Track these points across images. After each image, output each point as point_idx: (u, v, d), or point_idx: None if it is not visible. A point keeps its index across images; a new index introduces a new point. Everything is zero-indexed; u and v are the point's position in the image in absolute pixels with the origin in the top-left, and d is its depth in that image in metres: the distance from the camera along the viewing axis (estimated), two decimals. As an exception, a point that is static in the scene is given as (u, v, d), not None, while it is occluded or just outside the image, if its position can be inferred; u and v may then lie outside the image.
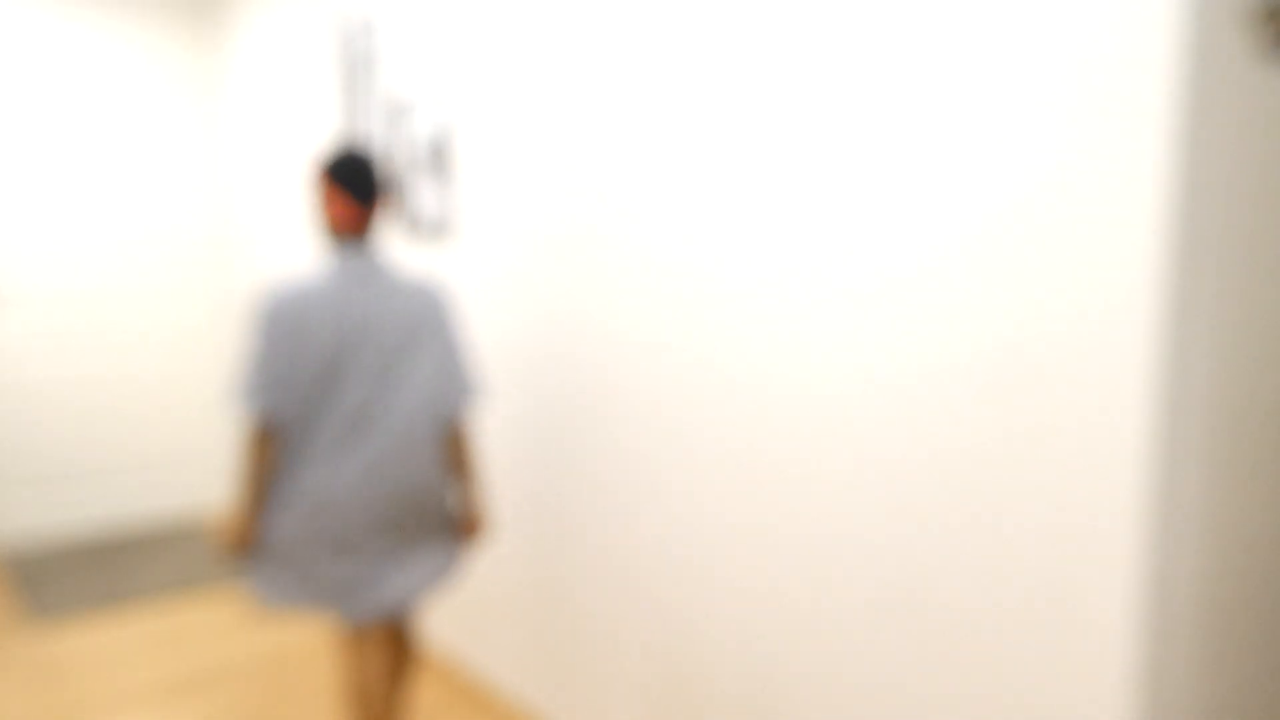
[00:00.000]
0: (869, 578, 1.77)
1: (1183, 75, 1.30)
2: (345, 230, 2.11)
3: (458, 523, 2.27)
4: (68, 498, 4.43)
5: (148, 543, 4.32)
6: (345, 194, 2.09)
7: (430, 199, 2.96)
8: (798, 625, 1.92)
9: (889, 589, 1.74)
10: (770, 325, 1.92)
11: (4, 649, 3.23)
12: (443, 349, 2.16)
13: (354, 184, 2.09)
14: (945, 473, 1.63)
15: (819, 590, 1.87)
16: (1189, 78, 1.31)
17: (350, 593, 2.12)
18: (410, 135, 3.02)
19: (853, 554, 1.80)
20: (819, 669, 1.89)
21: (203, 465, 4.76)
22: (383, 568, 2.13)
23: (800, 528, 1.90)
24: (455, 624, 3.10)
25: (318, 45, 3.57)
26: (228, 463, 4.81)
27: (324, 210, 2.12)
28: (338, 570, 2.10)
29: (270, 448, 2.03)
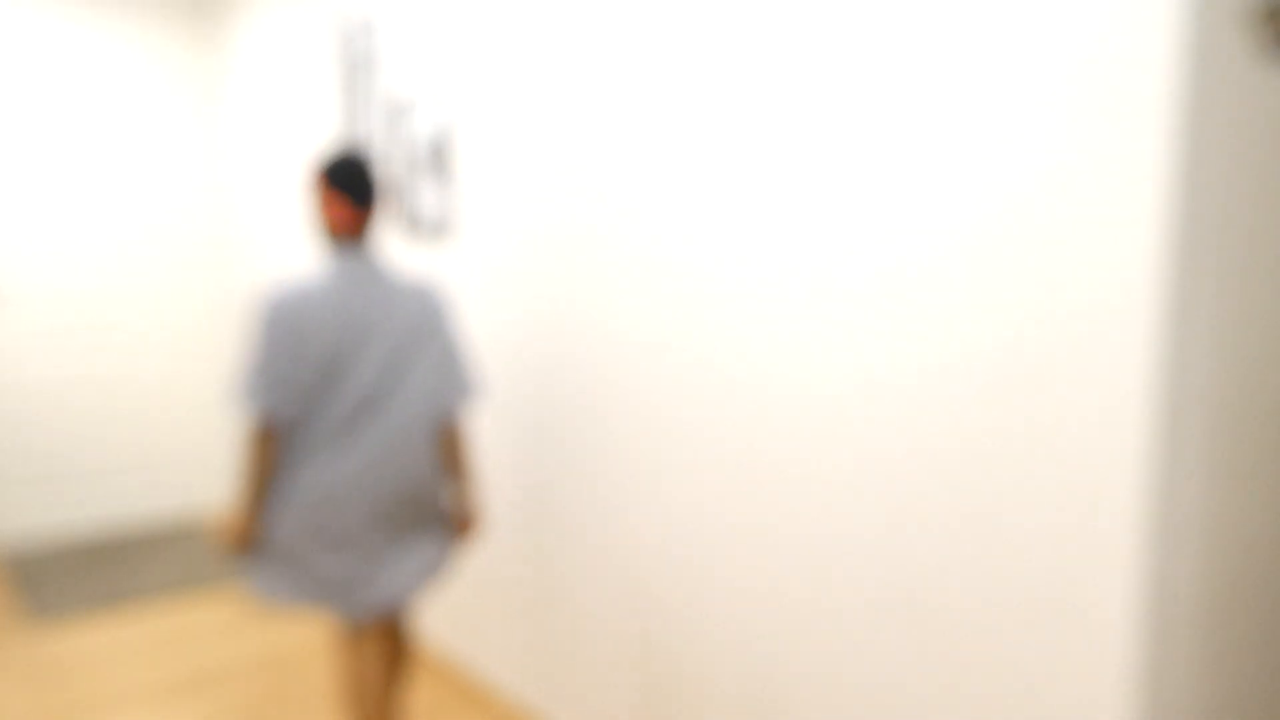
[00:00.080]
0: (869, 578, 1.77)
1: (1183, 75, 1.30)
2: (344, 233, 2.13)
3: (452, 519, 2.30)
4: (68, 498, 4.43)
5: (148, 543, 4.32)
6: (343, 197, 2.12)
7: (430, 199, 2.96)
8: (798, 625, 1.92)
9: (889, 589, 1.74)
10: (770, 325, 1.92)
11: (4, 649, 3.23)
12: (441, 349, 2.20)
13: (352, 187, 2.11)
14: (945, 472, 1.63)
15: (819, 590, 1.87)
16: (1189, 78, 1.31)
17: (348, 590, 2.14)
18: (410, 135, 3.02)
19: (853, 554, 1.80)
20: (819, 669, 1.89)
21: (203, 465, 4.76)
22: (379, 564, 2.16)
23: (800, 528, 1.90)
24: (454, 623, 3.10)
25: (318, 45, 3.57)
26: (227, 463, 4.81)
27: (322, 213, 2.14)
28: (336, 567, 2.12)
29: (271, 447, 2.06)
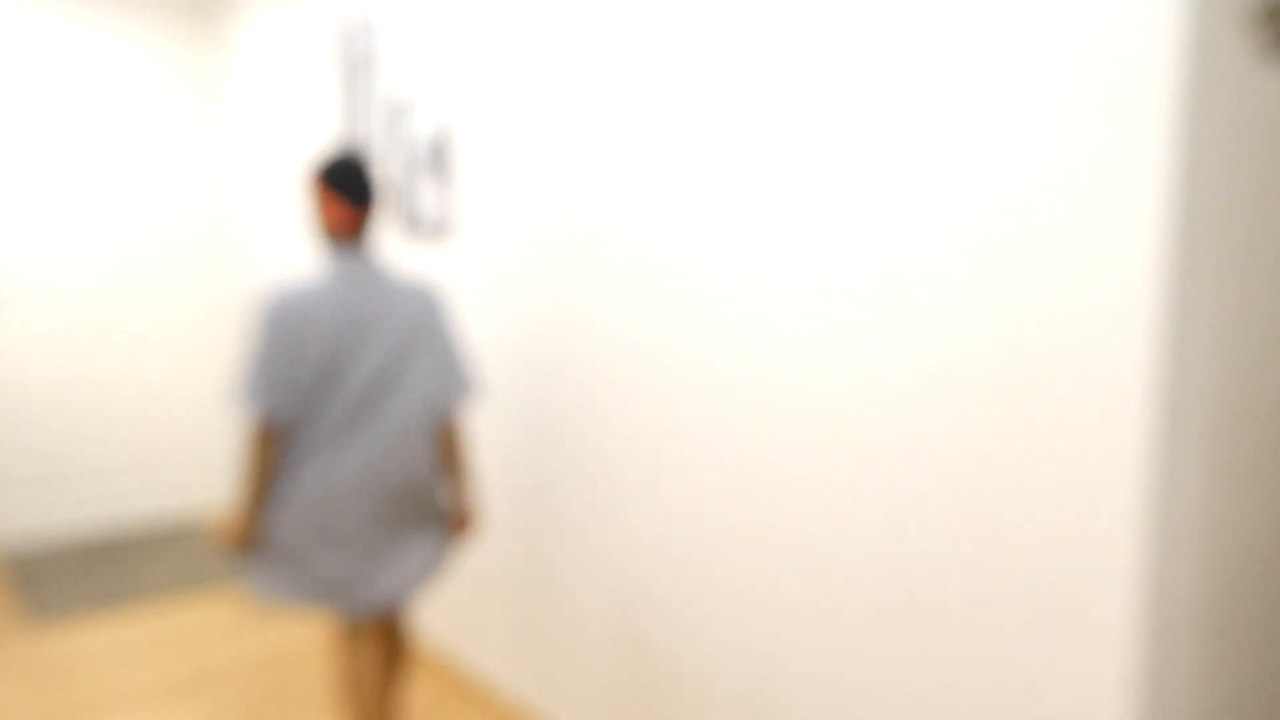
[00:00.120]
0: (869, 578, 1.77)
1: (1183, 75, 1.30)
2: (342, 233, 2.15)
3: (449, 517, 2.31)
4: (68, 498, 4.42)
5: (148, 543, 4.32)
6: (341, 198, 2.13)
7: (430, 199, 2.96)
8: (798, 625, 1.92)
9: (889, 589, 1.74)
10: (770, 325, 1.92)
11: (4, 649, 3.23)
12: (439, 348, 2.21)
13: (350, 188, 2.13)
14: (945, 472, 1.63)
15: (819, 590, 1.87)
16: (1189, 78, 1.31)
17: (348, 588, 2.15)
18: (410, 135, 3.02)
19: (853, 554, 1.80)
20: (819, 669, 1.89)
21: (203, 465, 4.76)
22: (378, 563, 2.17)
23: (800, 528, 1.90)
24: (454, 622, 3.10)
25: (318, 45, 3.57)
26: (227, 463, 4.81)
27: (321, 214, 2.16)
28: (336, 566, 2.13)
29: (272, 446, 2.07)
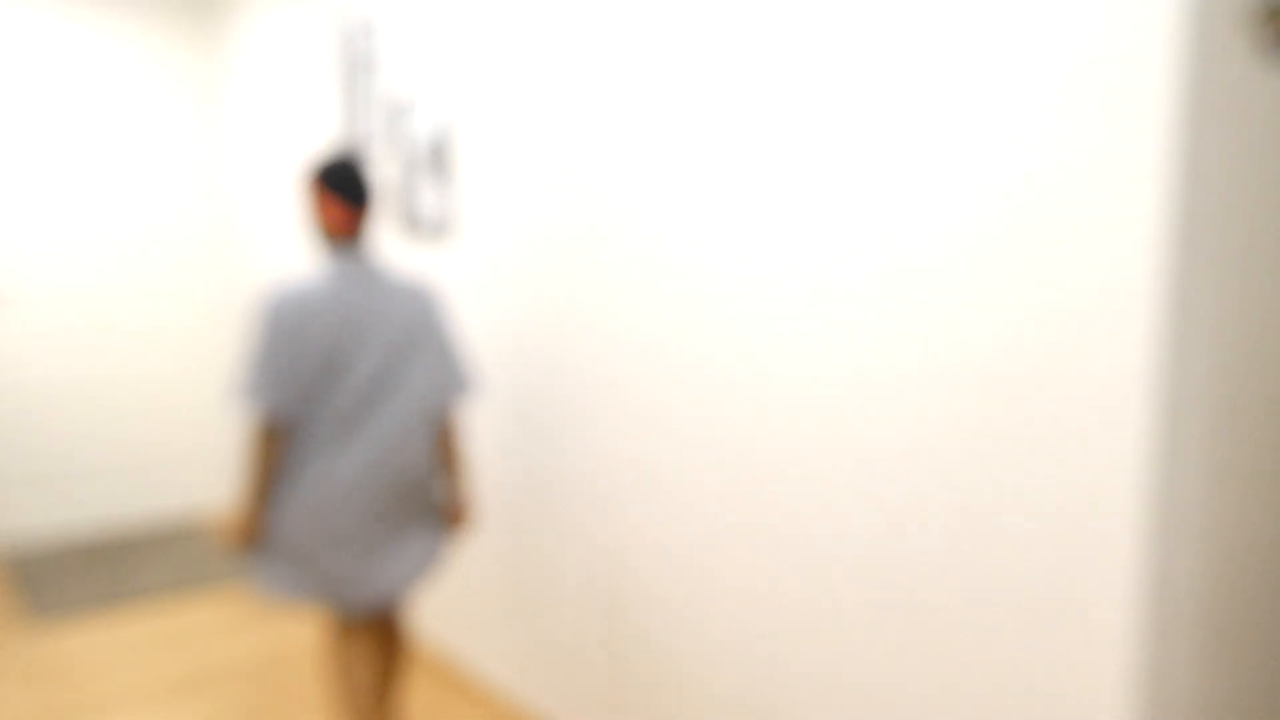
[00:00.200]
0: (869, 578, 1.77)
1: (1183, 75, 1.30)
2: (340, 234, 2.17)
3: (444, 512, 2.33)
4: (68, 498, 4.42)
5: (148, 543, 4.32)
6: (339, 198, 2.16)
7: (430, 199, 2.96)
8: (798, 625, 1.92)
9: (889, 589, 1.74)
10: (770, 325, 1.92)
11: (4, 649, 3.23)
12: (437, 347, 2.24)
13: (347, 188, 2.16)
14: (945, 472, 1.63)
15: (819, 590, 1.87)
16: (1189, 78, 1.31)
17: (349, 585, 2.17)
18: (410, 135, 3.02)
19: (853, 554, 1.80)
20: (819, 669, 1.89)
21: (203, 465, 4.76)
22: (376, 558, 2.19)
23: (800, 528, 1.90)
24: (454, 622, 3.10)
25: (318, 45, 3.57)
26: (228, 462, 4.81)
27: (318, 215, 2.19)
28: (338, 563, 2.14)
29: (274, 445, 2.08)
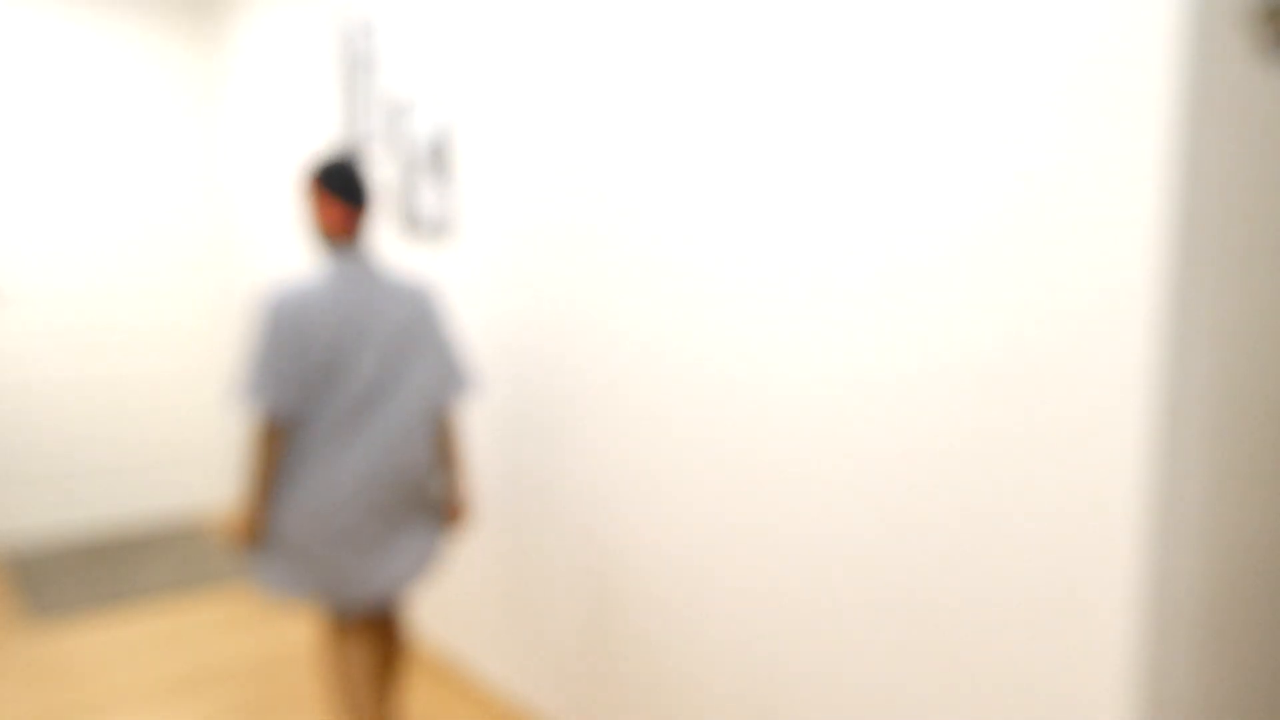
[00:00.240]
0: (869, 578, 1.77)
1: (1183, 75, 1.30)
2: (338, 234, 2.19)
3: (442, 509, 2.35)
4: (68, 498, 4.42)
5: (148, 543, 4.32)
6: (337, 199, 2.17)
7: (430, 199, 2.96)
8: (798, 625, 1.92)
9: (889, 589, 1.74)
10: (770, 325, 1.92)
11: (4, 649, 3.23)
12: (436, 345, 2.25)
13: (345, 189, 2.17)
14: (945, 472, 1.63)
15: (819, 590, 1.87)
16: (1189, 78, 1.31)
17: (350, 582, 2.18)
18: (410, 135, 3.02)
19: (853, 554, 1.80)
20: (819, 669, 1.89)
21: (203, 465, 4.76)
22: (376, 556, 2.20)
23: (800, 528, 1.90)
24: (453, 622, 3.10)
25: (318, 45, 3.57)
26: (228, 462, 4.81)
27: (317, 216, 2.20)
28: (340, 560, 2.16)
29: (277, 443, 2.09)
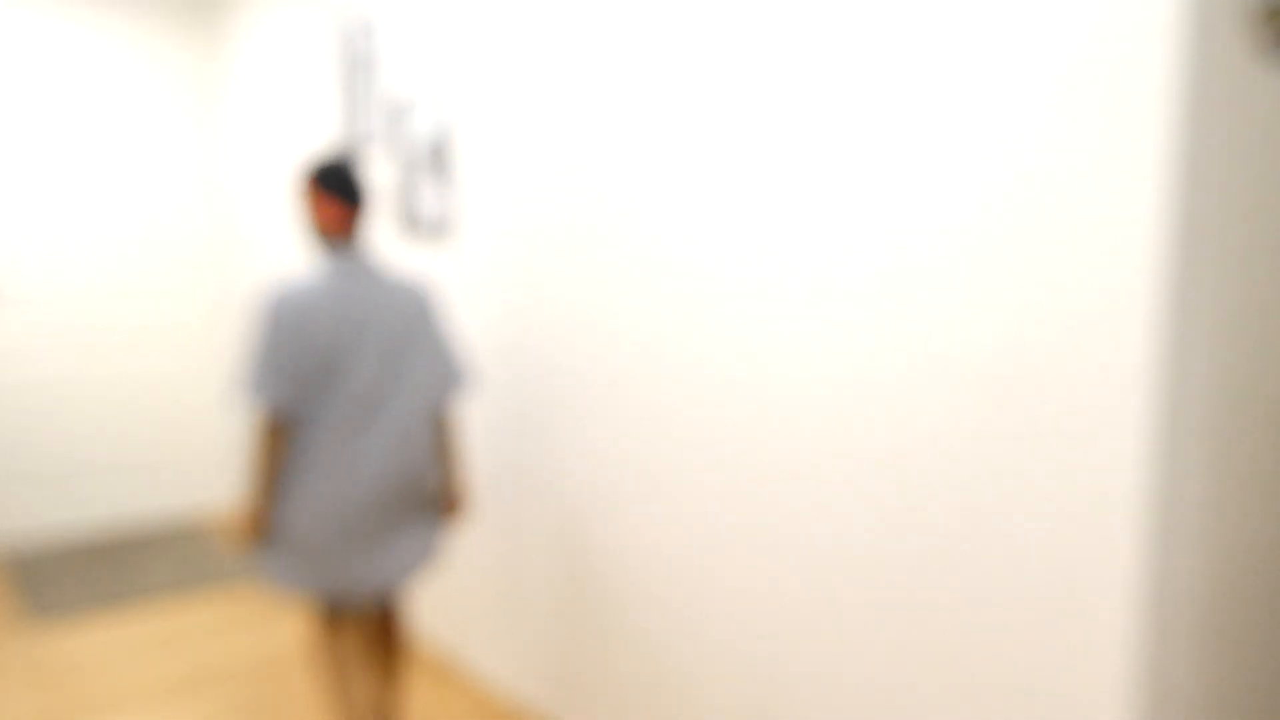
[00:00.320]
0: (869, 578, 1.77)
1: (1183, 75, 1.30)
2: (336, 233, 2.20)
3: (440, 502, 2.36)
4: (68, 497, 4.42)
5: (148, 543, 4.32)
6: (334, 198, 2.18)
7: (430, 199, 2.96)
8: (798, 625, 1.92)
9: (889, 589, 1.74)
10: (770, 325, 1.92)
11: (4, 649, 3.23)
12: (434, 343, 2.26)
13: (342, 188, 2.19)
14: (945, 472, 1.63)
15: (819, 590, 1.87)
16: (1189, 77, 1.31)
17: (348, 576, 2.19)
18: (410, 135, 3.02)
19: (853, 554, 1.80)
20: (819, 669, 1.89)
21: (203, 465, 4.76)
22: (377, 551, 2.21)
23: (800, 528, 1.90)
24: (452, 621, 3.10)
25: (318, 46, 3.57)
26: (228, 462, 4.81)
27: (314, 215, 2.21)
28: (340, 554, 2.17)
29: (280, 440, 2.11)
